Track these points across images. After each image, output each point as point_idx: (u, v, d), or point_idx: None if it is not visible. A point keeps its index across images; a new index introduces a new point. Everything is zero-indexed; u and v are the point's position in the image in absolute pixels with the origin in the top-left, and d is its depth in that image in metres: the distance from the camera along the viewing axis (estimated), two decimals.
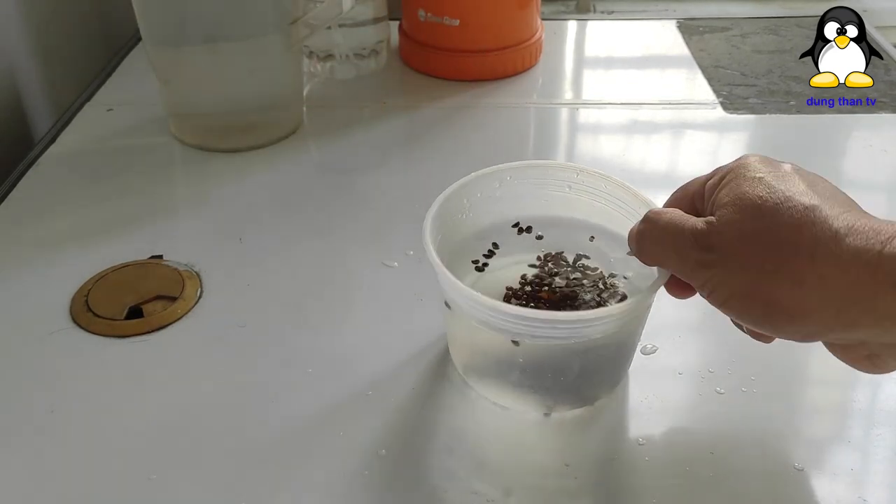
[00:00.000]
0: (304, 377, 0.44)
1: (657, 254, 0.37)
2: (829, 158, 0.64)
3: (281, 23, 0.61)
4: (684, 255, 0.35)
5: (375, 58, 0.74)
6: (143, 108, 0.69)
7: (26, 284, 0.50)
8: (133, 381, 0.44)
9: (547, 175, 0.46)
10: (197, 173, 0.62)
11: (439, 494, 0.38)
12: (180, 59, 0.62)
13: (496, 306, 0.37)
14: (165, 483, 0.39)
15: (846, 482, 0.39)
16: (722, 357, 0.45)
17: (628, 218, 0.43)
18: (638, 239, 0.38)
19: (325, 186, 0.60)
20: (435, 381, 0.44)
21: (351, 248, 0.54)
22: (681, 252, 0.35)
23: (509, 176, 0.45)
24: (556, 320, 0.37)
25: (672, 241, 0.36)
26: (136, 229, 0.55)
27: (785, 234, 0.32)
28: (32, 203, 0.58)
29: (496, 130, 0.67)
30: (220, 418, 0.42)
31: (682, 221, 0.35)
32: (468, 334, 0.42)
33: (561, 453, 0.40)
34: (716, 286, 0.34)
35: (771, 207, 0.33)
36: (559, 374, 0.40)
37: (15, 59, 0.72)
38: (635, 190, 0.43)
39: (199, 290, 0.50)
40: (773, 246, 0.32)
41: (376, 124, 0.68)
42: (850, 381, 0.44)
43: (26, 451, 0.40)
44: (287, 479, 0.39)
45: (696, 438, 0.41)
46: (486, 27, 0.72)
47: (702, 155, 0.65)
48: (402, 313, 0.48)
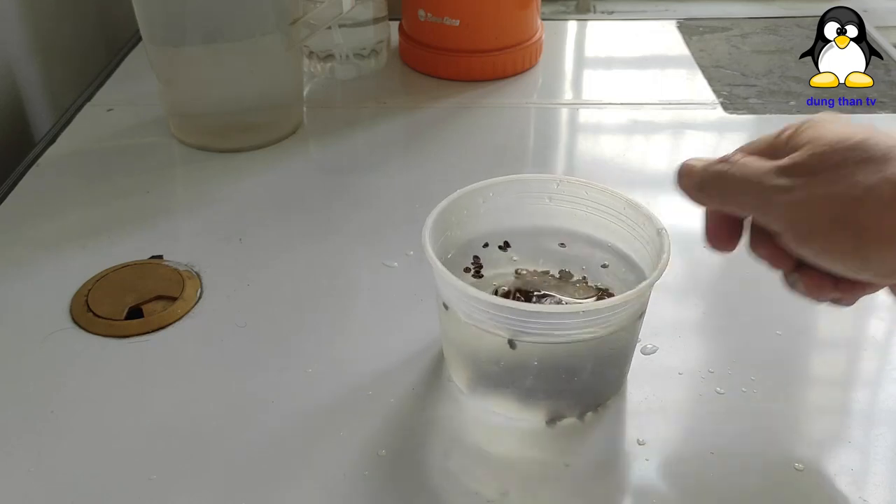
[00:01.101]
0: (303, 377, 0.44)
1: (735, 190, 0.35)
2: None
3: (281, 23, 0.61)
4: (765, 186, 0.33)
5: (375, 58, 0.74)
6: (143, 108, 0.69)
7: (26, 284, 0.50)
8: (133, 381, 0.44)
9: (528, 188, 0.45)
10: (197, 173, 0.62)
11: (439, 495, 0.38)
12: (180, 59, 0.62)
13: (527, 307, 0.37)
14: (165, 483, 0.39)
15: (846, 482, 0.39)
16: (722, 357, 0.45)
17: (613, 222, 0.44)
18: (715, 176, 0.36)
19: (325, 186, 0.60)
20: (435, 381, 0.44)
21: (351, 249, 0.54)
22: (762, 182, 0.33)
23: (492, 192, 0.45)
24: (586, 310, 0.37)
25: (753, 172, 0.34)
26: (136, 229, 0.55)
27: (873, 159, 0.31)
28: (32, 203, 0.58)
29: (496, 130, 0.67)
30: (221, 418, 0.42)
31: (762, 161, 0.34)
32: (478, 346, 0.41)
33: (561, 453, 0.40)
34: (799, 217, 0.32)
35: (857, 140, 0.32)
36: (573, 374, 0.40)
37: (15, 60, 0.72)
38: (619, 193, 0.44)
39: (199, 290, 0.50)
40: (860, 168, 0.31)
41: (376, 124, 0.68)
42: (850, 381, 0.44)
43: (26, 451, 0.40)
44: (287, 480, 0.39)
45: (696, 438, 0.41)
46: (487, 27, 0.72)
47: (702, 155, 0.64)
48: (402, 313, 0.48)
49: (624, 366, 0.43)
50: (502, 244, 0.46)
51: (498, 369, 0.41)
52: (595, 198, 0.44)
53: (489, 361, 0.41)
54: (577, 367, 0.40)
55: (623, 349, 0.42)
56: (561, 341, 0.38)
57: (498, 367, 0.41)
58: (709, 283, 0.51)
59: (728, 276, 0.52)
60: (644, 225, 0.42)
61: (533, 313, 0.38)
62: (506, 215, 0.46)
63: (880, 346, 0.46)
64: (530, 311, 0.38)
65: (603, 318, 0.38)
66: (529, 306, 0.38)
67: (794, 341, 0.46)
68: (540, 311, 0.38)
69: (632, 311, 0.40)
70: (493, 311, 0.38)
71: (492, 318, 0.38)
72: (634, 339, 0.42)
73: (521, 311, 0.38)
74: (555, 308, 0.38)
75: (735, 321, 0.48)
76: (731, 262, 0.53)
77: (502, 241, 0.46)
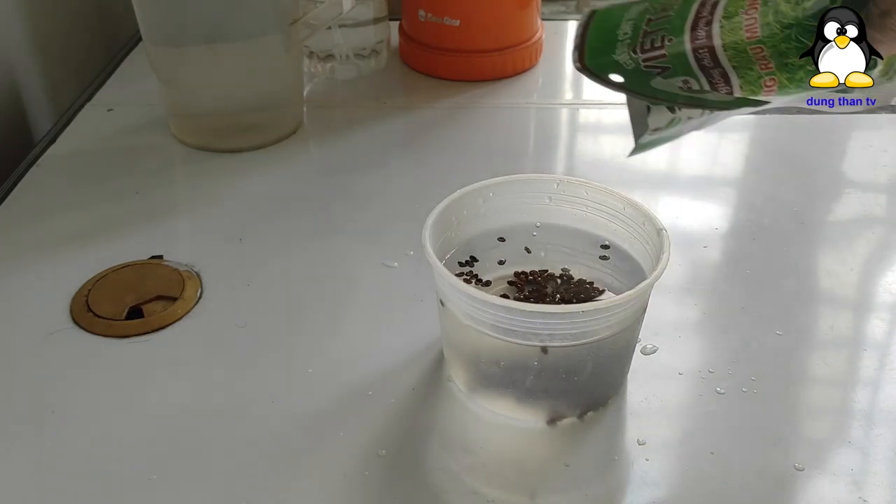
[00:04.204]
0: (304, 377, 0.44)
1: None
2: (829, 158, 0.64)
3: (281, 23, 0.61)
4: None
5: (375, 58, 0.74)
6: (143, 108, 0.69)
7: (26, 284, 0.50)
8: (133, 381, 0.44)
9: (527, 188, 0.45)
10: (197, 173, 0.62)
11: (439, 495, 0.38)
12: (180, 59, 0.62)
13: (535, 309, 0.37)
14: (165, 483, 0.39)
15: (846, 482, 0.39)
16: (722, 357, 0.45)
17: (613, 222, 0.44)
18: None
19: (326, 187, 0.60)
20: (435, 381, 0.44)
21: (351, 249, 0.54)
22: None
23: (492, 192, 0.45)
24: (585, 310, 0.37)
25: None
26: (136, 229, 0.55)
27: None
28: (32, 203, 0.58)
29: (496, 130, 0.67)
30: (221, 418, 0.42)
31: None
32: (478, 346, 0.41)
33: (561, 453, 0.40)
34: None
35: None
36: (573, 374, 0.40)
37: (15, 60, 0.72)
38: (619, 193, 0.44)
39: (200, 290, 0.50)
40: None
41: (376, 124, 0.68)
42: (850, 381, 0.44)
43: (26, 451, 0.40)
44: (287, 480, 0.39)
45: (696, 438, 0.41)
46: (487, 27, 0.72)
47: (702, 155, 0.65)
48: (402, 313, 0.48)
49: (624, 366, 0.43)
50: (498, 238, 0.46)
51: (498, 369, 0.41)
52: (595, 198, 0.45)
53: (489, 362, 0.41)
54: (577, 367, 0.40)
55: (623, 349, 0.42)
56: (561, 344, 0.39)
57: (498, 368, 0.41)
58: (709, 283, 0.51)
59: (728, 276, 0.52)
60: (644, 225, 0.42)
61: (533, 313, 0.37)
62: (506, 215, 0.46)
63: (880, 346, 0.46)
64: (530, 312, 0.38)
65: (603, 318, 0.38)
66: (529, 306, 0.38)
67: (794, 341, 0.46)
68: (540, 311, 0.38)
69: (632, 311, 0.40)
70: (492, 311, 0.38)
71: (491, 319, 0.38)
72: (634, 339, 0.42)
73: (521, 311, 0.38)
74: (555, 308, 0.38)
75: (735, 321, 0.48)
76: (731, 262, 0.53)
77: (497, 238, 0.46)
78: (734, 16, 0.35)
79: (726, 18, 0.35)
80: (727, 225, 0.56)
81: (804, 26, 0.35)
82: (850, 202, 0.59)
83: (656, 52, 0.36)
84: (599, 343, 0.39)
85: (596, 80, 0.36)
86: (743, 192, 0.61)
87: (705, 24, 0.35)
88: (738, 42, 0.35)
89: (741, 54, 0.35)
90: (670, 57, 0.36)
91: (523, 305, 0.37)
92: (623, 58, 0.36)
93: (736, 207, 0.59)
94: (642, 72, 0.36)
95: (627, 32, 0.36)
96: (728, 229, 0.56)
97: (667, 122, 0.36)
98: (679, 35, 0.35)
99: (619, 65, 0.36)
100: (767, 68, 0.36)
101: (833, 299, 0.50)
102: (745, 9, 0.35)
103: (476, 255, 0.45)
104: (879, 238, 0.55)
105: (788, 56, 0.36)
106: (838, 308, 0.49)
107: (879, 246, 0.54)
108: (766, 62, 0.35)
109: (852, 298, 0.50)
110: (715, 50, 0.35)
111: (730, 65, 0.35)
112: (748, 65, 0.36)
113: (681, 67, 0.36)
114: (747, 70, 0.36)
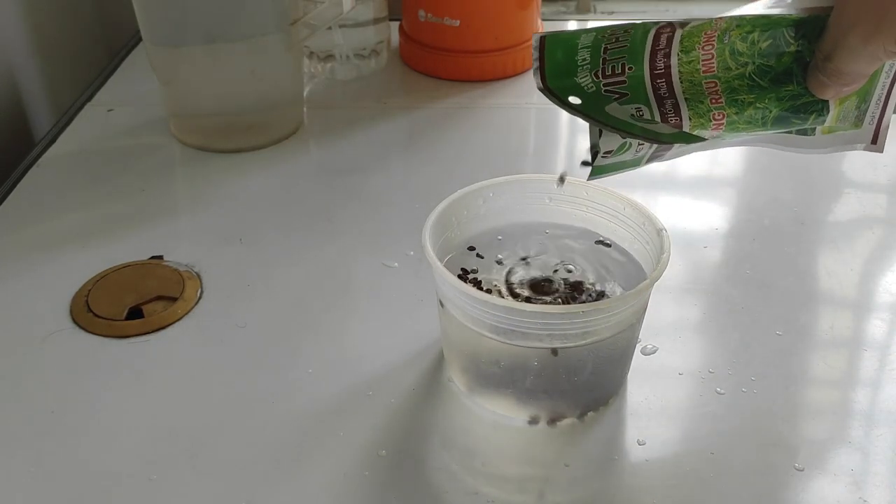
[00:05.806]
0: (304, 377, 0.44)
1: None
2: (829, 159, 0.64)
3: (281, 23, 0.61)
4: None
5: (376, 58, 0.74)
6: (143, 108, 0.69)
7: (26, 284, 0.50)
8: (133, 381, 0.44)
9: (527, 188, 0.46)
10: (197, 174, 0.62)
11: (439, 495, 0.38)
12: (180, 60, 0.62)
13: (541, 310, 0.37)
14: (165, 483, 0.39)
15: (846, 482, 0.39)
16: (722, 357, 0.45)
17: (613, 222, 0.44)
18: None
19: (326, 187, 0.60)
20: (435, 381, 0.44)
21: (351, 249, 0.54)
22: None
23: (492, 192, 0.45)
24: (586, 311, 0.37)
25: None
26: (136, 229, 0.55)
27: None
28: (32, 203, 0.58)
29: (496, 130, 0.67)
30: (220, 419, 0.42)
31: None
32: (478, 346, 0.41)
33: (561, 453, 0.40)
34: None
35: None
36: (573, 374, 0.40)
37: (15, 59, 0.72)
38: (619, 193, 0.44)
39: (200, 290, 0.50)
40: None
41: (376, 124, 0.68)
42: (850, 381, 0.44)
43: (26, 451, 0.40)
44: (287, 480, 0.39)
45: (696, 438, 0.41)
46: (487, 27, 0.72)
47: (702, 155, 0.64)
48: (403, 314, 0.48)
49: (624, 366, 0.43)
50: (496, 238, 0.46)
51: (498, 370, 0.41)
52: (595, 198, 0.45)
53: (489, 362, 0.41)
54: (577, 367, 0.40)
55: (623, 349, 0.42)
56: (561, 344, 0.39)
57: (498, 368, 0.41)
58: (709, 283, 0.51)
59: (728, 276, 0.52)
60: (644, 225, 0.42)
61: (533, 314, 0.38)
62: (506, 215, 0.46)
63: (880, 347, 0.46)
64: (529, 312, 0.38)
65: (603, 319, 0.38)
66: (530, 307, 0.38)
67: (794, 341, 0.47)
68: (539, 311, 0.38)
69: (632, 311, 0.40)
70: (492, 311, 0.38)
71: (492, 319, 0.38)
72: (634, 339, 0.42)
73: (521, 311, 0.38)
74: (555, 309, 0.38)
75: (735, 321, 0.48)
76: (731, 262, 0.53)
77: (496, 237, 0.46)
78: (691, 50, 0.36)
79: (684, 52, 0.36)
80: (727, 225, 0.56)
81: (759, 66, 0.36)
82: (850, 202, 0.59)
83: (617, 78, 0.37)
84: (599, 343, 0.39)
85: (555, 102, 0.37)
86: (743, 192, 0.61)
87: (664, 55, 0.36)
88: (693, 74, 0.36)
89: (695, 87, 0.36)
90: (630, 83, 0.37)
91: (523, 306, 0.37)
92: (585, 81, 0.37)
93: (736, 207, 0.59)
94: (602, 96, 0.37)
95: (586, 59, 0.37)
96: (728, 229, 0.56)
97: (617, 147, 0.38)
98: (639, 64, 0.37)
99: (581, 87, 0.37)
100: (717, 103, 0.37)
101: (833, 299, 0.50)
102: (701, 44, 0.36)
103: (476, 250, 0.45)
104: (879, 238, 0.55)
105: (740, 93, 0.36)
106: (838, 308, 0.49)
107: (879, 246, 0.54)
108: (717, 96, 0.37)
109: (852, 298, 0.50)
110: (672, 80, 0.37)
111: (683, 96, 0.37)
112: (700, 97, 0.37)
113: (638, 95, 0.37)
114: (698, 103, 0.37)
